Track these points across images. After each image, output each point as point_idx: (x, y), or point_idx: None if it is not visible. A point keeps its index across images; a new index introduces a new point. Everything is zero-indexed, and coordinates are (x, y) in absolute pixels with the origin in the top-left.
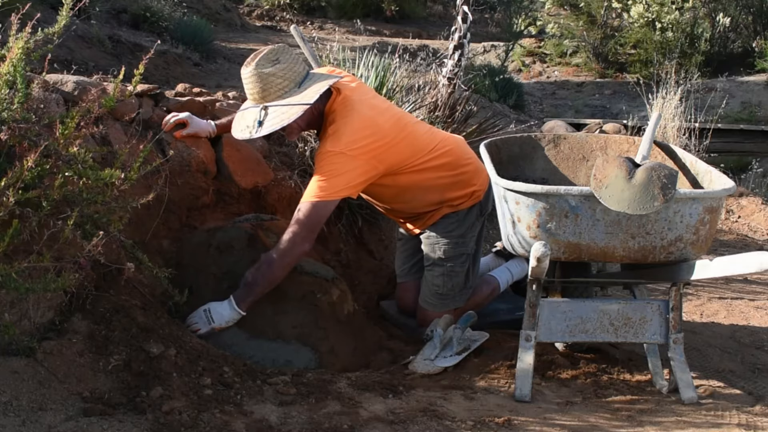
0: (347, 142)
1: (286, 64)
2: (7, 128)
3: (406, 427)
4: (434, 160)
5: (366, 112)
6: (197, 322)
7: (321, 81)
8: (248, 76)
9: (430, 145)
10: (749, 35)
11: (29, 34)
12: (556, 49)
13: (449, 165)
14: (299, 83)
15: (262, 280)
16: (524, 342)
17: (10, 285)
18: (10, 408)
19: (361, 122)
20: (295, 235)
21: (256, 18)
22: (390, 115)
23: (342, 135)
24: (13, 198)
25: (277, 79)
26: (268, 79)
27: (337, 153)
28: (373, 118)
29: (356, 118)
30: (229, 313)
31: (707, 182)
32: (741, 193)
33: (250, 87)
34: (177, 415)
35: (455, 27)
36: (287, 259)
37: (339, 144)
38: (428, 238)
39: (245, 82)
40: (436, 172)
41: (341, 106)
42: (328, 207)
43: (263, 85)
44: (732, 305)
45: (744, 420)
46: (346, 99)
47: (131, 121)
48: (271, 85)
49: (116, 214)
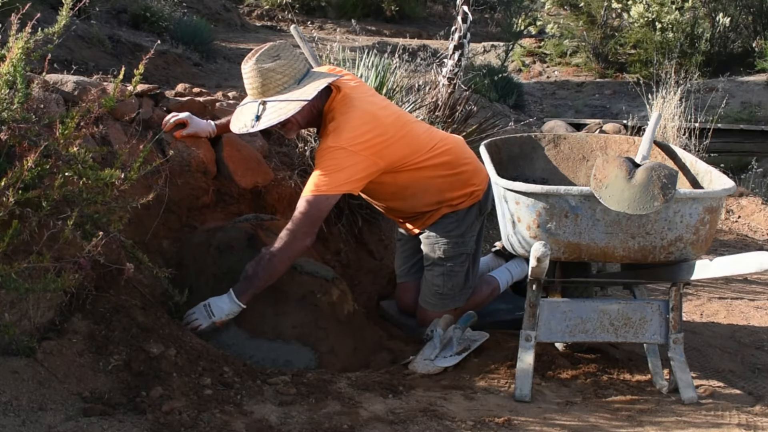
0: (348, 137)
1: (287, 60)
2: (7, 128)
3: (406, 427)
4: (433, 158)
5: (366, 107)
6: (197, 318)
7: (321, 78)
8: (248, 71)
9: (430, 143)
10: (749, 35)
11: (29, 34)
12: (556, 49)
13: (448, 164)
14: (299, 80)
15: (263, 273)
16: (524, 342)
17: (10, 285)
18: (10, 408)
19: (361, 118)
20: (296, 229)
21: (256, 18)
22: (390, 112)
23: (343, 131)
24: (13, 198)
25: (276, 75)
26: (267, 75)
27: (338, 148)
28: (374, 113)
29: (356, 114)
30: (229, 306)
31: (707, 182)
32: (741, 193)
33: (250, 82)
34: (177, 415)
35: (455, 27)
36: (288, 253)
37: (340, 139)
38: (428, 238)
39: (245, 77)
40: (436, 171)
41: (340, 104)
42: (329, 201)
43: (263, 80)
44: (732, 305)
45: (744, 420)
46: (346, 97)
47: (131, 121)
48: (270, 80)
49: (116, 214)
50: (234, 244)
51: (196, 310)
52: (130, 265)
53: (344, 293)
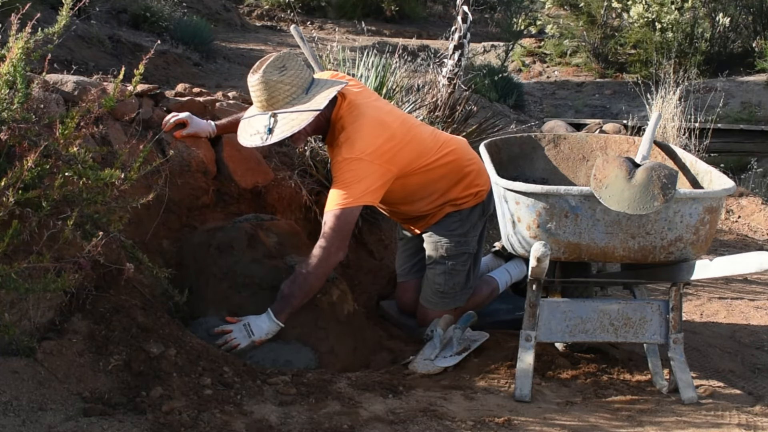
0: (361, 147)
1: (293, 70)
2: (7, 128)
3: (406, 427)
4: (440, 160)
5: (374, 114)
6: (236, 338)
7: (328, 87)
8: (256, 84)
9: (435, 146)
10: (749, 35)
11: (29, 34)
12: (556, 49)
13: (454, 165)
14: (306, 89)
15: (299, 292)
16: (524, 342)
17: (10, 285)
18: (10, 408)
19: (371, 126)
20: (329, 245)
21: (256, 18)
22: (395, 116)
23: (355, 141)
24: (13, 198)
25: (284, 86)
26: (276, 86)
27: (354, 159)
28: (382, 119)
29: (366, 123)
30: (268, 325)
31: (707, 182)
32: (741, 193)
33: (258, 94)
34: (177, 415)
35: (455, 27)
36: (323, 269)
37: (354, 150)
38: (430, 237)
39: (252, 89)
40: (442, 173)
41: (348, 112)
42: (353, 213)
43: (271, 92)
44: (732, 305)
45: (744, 420)
46: (352, 104)
47: (131, 121)
48: (279, 92)
49: (116, 214)
50: (234, 244)
51: (235, 329)
52: (130, 265)
53: (344, 293)
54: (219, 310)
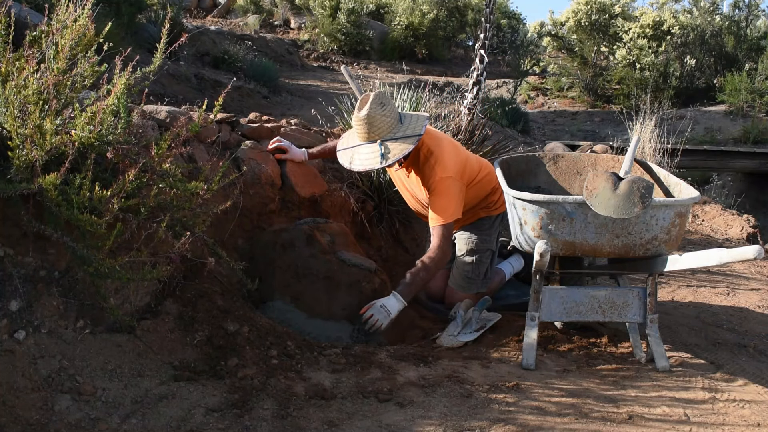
0: (451, 166)
1: (390, 105)
2: (113, 149)
3: (434, 390)
4: (480, 176)
5: (449, 140)
6: (378, 317)
7: (416, 114)
8: (363, 118)
9: (477, 164)
10: (711, 74)
11: (130, 73)
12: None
13: (489, 181)
14: (399, 119)
15: (420, 280)
16: (530, 321)
17: (114, 275)
18: (115, 374)
19: (452, 150)
20: (441, 250)
21: (313, 59)
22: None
23: (446, 161)
24: (117, 205)
25: (386, 119)
26: (380, 119)
27: (449, 177)
28: (455, 144)
29: (446, 144)
30: (397, 305)
31: (677, 192)
32: (704, 201)
33: (365, 127)
34: (249, 380)
35: (474, 67)
36: (438, 266)
37: (447, 170)
38: (462, 234)
39: (359, 123)
40: (483, 187)
41: (428, 138)
42: (453, 224)
43: (377, 125)
44: (697, 292)
45: (707, 384)
46: (429, 131)
47: (212, 143)
48: (382, 123)
49: (200, 218)
50: (295, 242)
51: (374, 311)
52: (211, 259)
53: (384, 282)
54: (283, 296)
